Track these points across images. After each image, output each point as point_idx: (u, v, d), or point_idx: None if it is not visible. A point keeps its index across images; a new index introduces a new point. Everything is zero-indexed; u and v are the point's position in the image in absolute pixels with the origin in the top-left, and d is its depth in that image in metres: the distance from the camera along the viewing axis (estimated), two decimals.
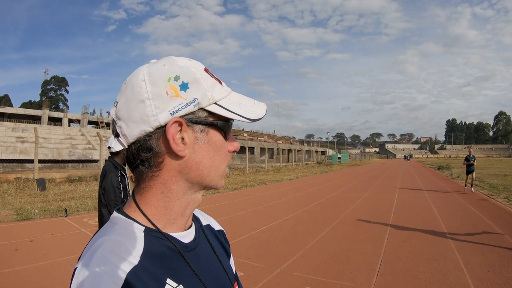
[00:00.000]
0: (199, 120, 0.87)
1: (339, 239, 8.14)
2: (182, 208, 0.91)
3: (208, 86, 0.88)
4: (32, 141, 26.47)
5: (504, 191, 17.21)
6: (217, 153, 0.91)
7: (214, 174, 0.92)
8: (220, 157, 0.92)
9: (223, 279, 0.98)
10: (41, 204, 12.55)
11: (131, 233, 0.84)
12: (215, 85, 0.90)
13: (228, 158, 0.96)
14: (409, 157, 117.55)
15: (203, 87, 0.87)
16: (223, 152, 0.93)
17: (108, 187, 4.27)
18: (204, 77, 0.88)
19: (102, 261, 0.76)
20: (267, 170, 40.63)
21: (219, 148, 0.92)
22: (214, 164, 0.91)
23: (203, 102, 0.86)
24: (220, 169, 0.93)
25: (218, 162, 0.92)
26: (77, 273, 0.76)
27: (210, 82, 0.89)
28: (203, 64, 0.93)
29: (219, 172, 0.93)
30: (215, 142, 0.90)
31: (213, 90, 0.88)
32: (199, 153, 0.88)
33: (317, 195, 17.14)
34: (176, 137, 0.85)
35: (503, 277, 5.53)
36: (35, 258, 6.48)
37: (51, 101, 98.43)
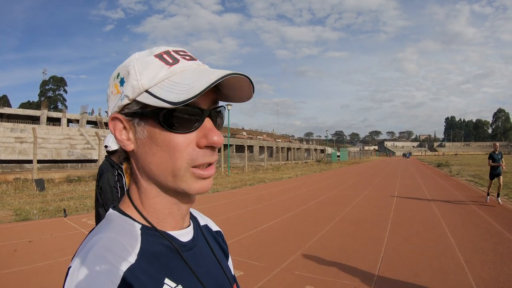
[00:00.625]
0: (130, 112, 0.82)
1: (339, 238, 8.13)
2: (164, 207, 0.87)
3: (140, 74, 0.80)
4: (31, 142, 26.48)
5: (504, 188, 17.14)
6: (161, 148, 0.81)
7: (165, 172, 0.82)
8: (167, 153, 0.80)
9: (222, 280, 0.96)
10: (40, 204, 12.54)
11: (128, 230, 0.82)
12: (156, 70, 0.80)
13: (190, 155, 0.81)
14: (408, 155, 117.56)
15: (132, 77, 0.81)
16: (173, 146, 0.80)
17: (105, 187, 4.25)
18: (140, 65, 0.81)
19: (98, 259, 0.73)
20: (266, 168, 40.71)
21: (161, 142, 0.80)
22: (161, 160, 0.81)
23: (130, 93, 0.80)
24: (173, 167, 0.81)
25: (166, 159, 0.81)
26: (72, 271, 0.74)
27: (148, 69, 0.81)
28: (169, 48, 0.86)
29: (172, 171, 0.82)
30: (154, 135, 0.81)
31: (144, 77, 0.80)
32: (142, 148, 0.84)
33: (317, 193, 17.14)
34: (117, 133, 0.84)
35: (505, 275, 5.52)
36: (34, 259, 6.46)
37: (49, 101, 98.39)
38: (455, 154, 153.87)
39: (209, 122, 0.83)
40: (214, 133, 0.81)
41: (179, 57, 0.83)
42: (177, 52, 0.85)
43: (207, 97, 0.83)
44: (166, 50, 0.84)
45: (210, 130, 0.81)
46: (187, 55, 0.86)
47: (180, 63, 0.82)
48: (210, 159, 0.83)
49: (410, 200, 14.27)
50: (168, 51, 0.84)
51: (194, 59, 0.86)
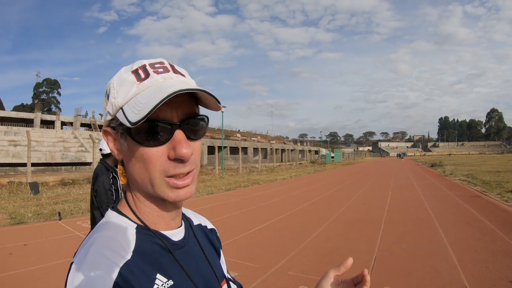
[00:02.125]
0: (115, 127, 0.90)
1: (333, 238, 8.17)
2: (153, 210, 0.94)
3: (118, 92, 0.88)
4: (25, 145, 26.40)
5: (497, 187, 17.30)
6: (138, 160, 0.87)
7: (145, 181, 0.88)
8: (143, 164, 0.87)
9: (210, 277, 1.01)
10: (34, 207, 12.52)
11: (124, 229, 0.89)
12: (126, 88, 0.87)
13: (162, 166, 0.86)
14: (402, 155, 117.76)
15: (112, 95, 0.89)
16: (146, 159, 0.86)
17: (100, 189, 4.28)
18: (119, 83, 0.89)
19: (98, 255, 0.80)
20: (260, 170, 40.68)
21: (136, 155, 0.87)
22: (141, 170, 0.88)
23: (111, 110, 0.89)
24: (149, 177, 0.87)
25: (142, 170, 0.87)
26: (74, 266, 0.80)
27: (124, 86, 0.87)
28: (145, 62, 0.91)
29: (149, 181, 0.88)
30: (131, 148, 0.88)
31: (120, 95, 0.87)
32: (127, 159, 0.91)
33: (311, 195, 17.16)
34: (110, 144, 0.93)
35: (497, 273, 5.57)
36: (29, 262, 6.47)
37: (43, 104, 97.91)
38: (449, 154, 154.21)
39: (181, 134, 0.87)
40: (182, 145, 0.85)
41: (151, 71, 0.88)
42: (152, 65, 0.90)
43: (179, 110, 0.87)
44: (142, 65, 0.90)
45: (178, 142, 0.86)
46: (162, 66, 0.91)
47: (149, 78, 0.87)
48: (181, 170, 0.87)
49: (403, 200, 14.32)
50: (144, 65, 0.90)
51: (167, 71, 0.90)
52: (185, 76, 0.94)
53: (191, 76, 0.98)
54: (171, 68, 0.92)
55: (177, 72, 0.92)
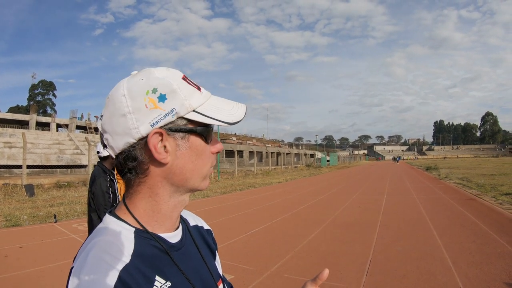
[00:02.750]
0: (178, 128, 0.92)
1: (329, 241, 8.19)
2: (170, 210, 0.97)
3: (186, 95, 0.92)
4: (20, 146, 26.32)
5: (491, 190, 17.36)
6: (199, 157, 0.96)
7: (197, 176, 0.97)
8: (202, 160, 0.97)
9: (207, 277, 1.04)
10: (30, 210, 12.47)
11: (123, 234, 0.91)
12: (193, 93, 0.94)
13: (211, 159, 1.00)
14: (398, 159, 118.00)
15: (180, 96, 0.91)
16: (206, 155, 0.98)
17: (97, 192, 4.28)
18: (181, 87, 0.92)
19: (97, 260, 0.82)
20: (256, 173, 40.69)
21: (200, 152, 0.96)
22: (197, 167, 0.96)
23: (181, 111, 0.91)
24: (204, 171, 0.98)
25: (201, 165, 0.97)
26: (74, 271, 0.82)
27: (188, 91, 0.93)
28: (181, 72, 0.97)
29: (203, 174, 0.98)
30: (196, 147, 0.95)
31: (191, 98, 0.93)
32: (182, 159, 0.93)
33: (306, 198, 17.19)
34: (158, 146, 0.90)
35: (491, 275, 5.61)
36: (25, 265, 6.46)
37: (38, 105, 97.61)
38: (444, 157, 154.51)
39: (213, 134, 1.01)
40: (218, 142, 1.02)
41: (193, 84, 0.98)
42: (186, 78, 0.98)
43: None
44: (183, 75, 0.97)
45: (215, 140, 1.01)
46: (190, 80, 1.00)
47: (202, 90, 0.99)
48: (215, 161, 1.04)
49: (398, 203, 14.39)
50: (184, 76, 0.97)
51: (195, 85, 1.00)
52: None
53: None
54: None
55: None
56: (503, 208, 11.94)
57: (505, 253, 6.78)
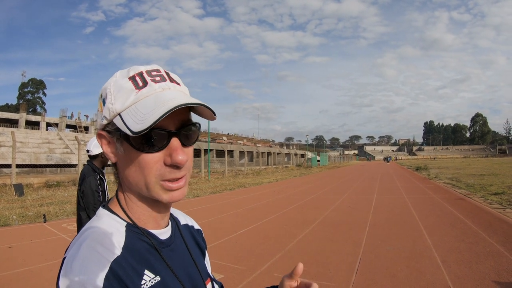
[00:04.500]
0: (109, 131, 0.93)
1: (319, 240, 8.21)
2: (145, 210, 0.97)
3: (114, 98, 0.90)
4: (9, 145, 26.07)
5: (481, 190, 17.50)
6: (135, 164, 0.91)
7: (140, 185, 0.92)
8: (140, 169, 0.90)
9: (195, 275, 1.05)
10: (19, 210, 12.38)
11: (115, 227, 0.93)
12: (124, 95, 0.90)
13: (158, 171, 0.90)
14: (389, 159, 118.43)
15: (109, 100, 0.91)
16: (143, 164, 0.90)
17: (87, 191, 4.27)
18: (117, 89, 0.91)
19: (90, 250, 0.83)
20: (246, 173, 40.74)
21: (133, 160, 0.91)
22: (135, 174, 0.92)
23: (107, 115, 0.92)
24: (145, 181, 0.91)
25: (138, 173, 0.91)
26: (67, 261, 0.84)
27: (120, 93, 0.91)
28: (142, 68, 0.94)
29: (145, 184, 0.91)
30: (128, 153, 0.91)
31: (117, 101, 0.90)
32: (121, 162, 0.95)
33: (297, 198, 17.22)
34: (104, 147, 0.95)
35: (480, 273, 5.65)
36: (14, 265, 6.41)
37: (28, 104, 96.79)
38: (434, 157, 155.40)
39: (176, 141, 0.92)
40: (178, 152, 0.90)
41: (148, 80, 0.92)
42: (149, 73, 0.94)
43: (175, 118, 0.91)
44: (139, 72, 0.93)
45: (174, 150, 0.90)
46: (159, 75, 0.95)
47: (147, 87, 0.91)
48: (176, 175, 0.92)
49: (388, 203, 14.44)
50: (141, 72, 0.93)
51: (164, 80, 0.94)
52: (180, 84, 0.98)
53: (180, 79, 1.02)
54: (167, 76, 0.96)
55: (173, 81, 0.96)
56: (492, 208, 12.03)
57: (494, 251, 6.83)
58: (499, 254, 6.65)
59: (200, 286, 1.06)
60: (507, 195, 14.85)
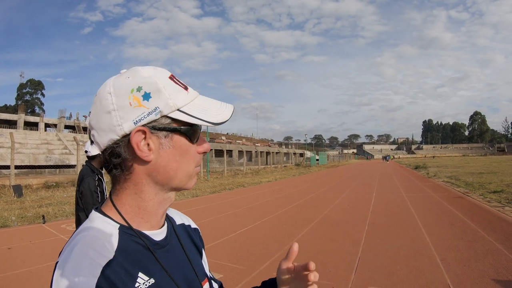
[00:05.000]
0: (162, 127, 0.93)
1: (318, 239, 8.22)
2: (155, 207, 0.98)
3: (170, 94, 0.92)
4: (8, 146, 26.05)
5: (479, 188, 17.51)
6: (183, 156, 0.97)
7: (181, 175, 0.98)
8: (186, 159, 0.98)
9: (191, 275, 1.05)
10: (18, 211, 12.38)
11: (107, 230, 0.92)
12: (179, 92, 0.94)
13: (197, 159, 1.01)
14: (387, 158, 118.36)
15: (164, 95, 0.92)
16: (190, 154, 0.98)
17: (85, 191, 4.27)
18: (166, 86, 0.93)
19: (81, 255, 0.83)
20: (245, 172, 40.70)
21: (184, 152, 0.97)
22: (181, 166, 0.97)
23: (164, 110, 0.92)
24: (188, 170, 0.99)
25: (185, 164, 0.98)
26: (59, 265, 0.84)
27: (173, 90, 0.94)
28: (169, 71, 0.98)
29: (187, 174, 0.99)
30: (180, 146, 0.96)
31: (176, 97, 0.93)
32: (165, 157, 0.94)
33: (296, 197, 17.22)
34: (141, 144, 0.92)
35: (479, 271, 5.65)
36: (13, 266, 6.41)
37: (27, 105, 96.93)
38: (433, 156, 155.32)
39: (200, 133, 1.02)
40: (205, 141, 1.03)
41: (181, 83, 0.98)
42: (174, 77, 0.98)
43: None
44: (170, 75, 0.97)
45: (202, 140, 1.02)
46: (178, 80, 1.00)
47: (189, 90, 0.99)
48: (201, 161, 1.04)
49: (387, 202, 14.43)
50: (172, 75, 0.98)
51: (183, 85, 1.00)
52: None
53: None
54: None
55: None
56: (491, 206, 12.04)
57: (493, 250, 6.84)
58: (498, 252, 6.66)
59: (197, 286, 1.06)
60: (506, 193, 14.88)
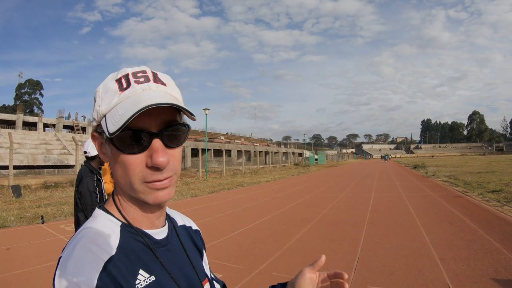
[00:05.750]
0: (100, 132, 0.94)
1: (317, 239, 8.22)
2: (138, 210, 0.98)
3: (101, 100, 0.92)
4: (6, 147, 26.07)
5: (478, 187, 17.52)
6: (119, 165, 0.91)
7: (127, 186, 0.92)
8: (124, 170, 0.90)
9: (192, 275, 1.05)
10: (17, 211, 12.37)
11: (110, 227, 0.93)
12: (109, 97, 0.91)
13: (140, 173, 0.90)
14: (386, 157, 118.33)
15: (97, 102, 0.93)
16: (128, 165, 0.89)
17: (84, 192, 4.26)
18: (104, 91, 0.92)
19: (84, 250, 0.84)
20: (244, 172, 40.75)
21: (117, 161, 0.91)
22: (122, 175, 0.92)
23: (96, 117, 0.93)
24: (130, 182, 0.90)
25: (123, 175, 0.91)
26: (62, 260, 0.85)
27: (108, 94, 0.91)
28: (127, 71, 0.94)
29: (130, 186, 0.91)
30: (114, 154, 0.92)
31: (103, 103, 0.91)
32: (111, 163, 0.95)
33: (295, 196, 17.21)
34: (97, 148, 0.97)
35: (478, 270, 5.66)
36: (12, 266, 6.40)
37: (25, 105, 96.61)
38: (432, 156, 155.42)
39: (158, 143, 0.90)
40: (158, 154, 0.88)
41: (132, 81, 0.92)
42: (135, 74, 0.93)
43: (157, 119, 0.90)
44: (126, 74, 0.93)
45: (155, 151, 0.89)
46: (144, 76, 0.94)
47: (130, 88, 0.91)
48: (158, 177, 0.90)
49: (386, 201, 14.44)
50: (127, 74, 0.93)
51: (148, 80, 0.93)
52: (166, 85, 0.96)
53: (175, 79, 1.00)
54: (152, 77, 0.95)
55: (158, 81, 0.95)
56: (490, 205, 12.06)
57: (492, 249, 6.85)
58: (497, 252, 6.67)
59: (197, 286, 1.05)
60: (504, 193, 14.88)
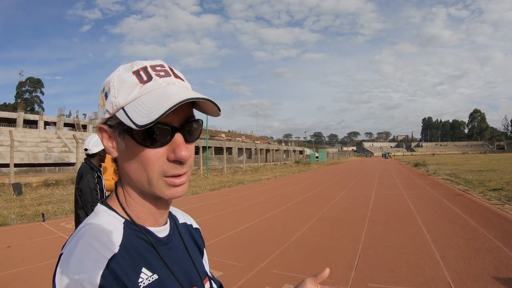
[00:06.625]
0: (111, 125, 0.92)
1: (317, 237, 8.22)
2: (144, 207, 0.97)
3: (117, 91, 0.89)
4: (7, 145, 26.05)
5: (479, 186, 17.51)
6: (136, 159, 0.90)
7: (143, 181, 0.91)
8: (141, 164, 0.89)
9: (193, 273, 1.05)
10: (17, 209, 12.37)
11: (112, 224, 0.92)
12: (128, 88, 0.89)
13: (157, 166, 0.89)
14: (387, 155, 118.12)
15: (112, 93, 0.90)
16: (144, 159, 0.88)
17: (85, 189, 4.26)
18: (120, 82, 0.90)
19: (87, 247, 0.83)
20: (245, 170, 40.66)
21: (135, 155, 0.90)
22: (137, 170, 0.90)
23: (109, 109, 0.90)
24: (148, 176, 0.90)
25: (140, 169, 0.90)
26: (63, 257, 0.83)
27: (124, 86, 0.89)
28: (144, 63, 0.93)
29: (146, 180, 0.90)
30: (130, 148, 0.90)
31: (120, 95, 0.89)
32: (123, 157, 0.93)
33: (296, 194, 17.22)
34: (104, 141, 0.94)
35: (479, 269, 5.65)
36: (13, 264, 6.40)
37: (26, 103, 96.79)
38: (432, 154, 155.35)
39: (180, 137, 0.90)
40: (181, 148, 0.89)
41: (153, 74, 0.90)
42: (153, 68, 0.92)
43: (179, 114, 0.89)
44: (143, 66, 0.92)
45: (178, 145, 0.89)
46: (164, 70, 0.93)
47: (152, 81, 0.90)
48: (179, 171, 0.90)
49: (387, 199, 14.44)
50: (145, 67, 0.92)
51: (169, 75, 0.93)
52: (184, 80, 0.97)
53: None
54: (171, 72, 0.94)
55: (177, 77, 0.95)
56: (491, 204, 12.06)
57: (493, 247, 6.85)
58: (498, 250, 6.66)
59: (198, 284, 1.05)
60: (505, 191, 14.88)
